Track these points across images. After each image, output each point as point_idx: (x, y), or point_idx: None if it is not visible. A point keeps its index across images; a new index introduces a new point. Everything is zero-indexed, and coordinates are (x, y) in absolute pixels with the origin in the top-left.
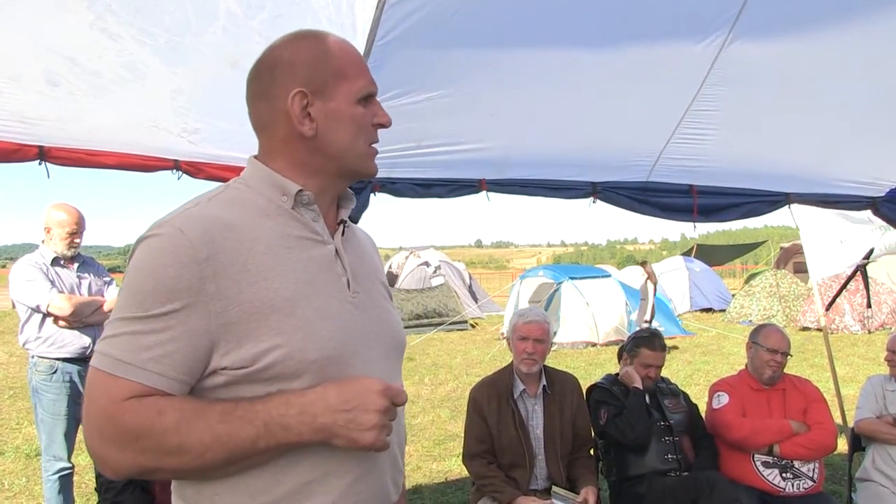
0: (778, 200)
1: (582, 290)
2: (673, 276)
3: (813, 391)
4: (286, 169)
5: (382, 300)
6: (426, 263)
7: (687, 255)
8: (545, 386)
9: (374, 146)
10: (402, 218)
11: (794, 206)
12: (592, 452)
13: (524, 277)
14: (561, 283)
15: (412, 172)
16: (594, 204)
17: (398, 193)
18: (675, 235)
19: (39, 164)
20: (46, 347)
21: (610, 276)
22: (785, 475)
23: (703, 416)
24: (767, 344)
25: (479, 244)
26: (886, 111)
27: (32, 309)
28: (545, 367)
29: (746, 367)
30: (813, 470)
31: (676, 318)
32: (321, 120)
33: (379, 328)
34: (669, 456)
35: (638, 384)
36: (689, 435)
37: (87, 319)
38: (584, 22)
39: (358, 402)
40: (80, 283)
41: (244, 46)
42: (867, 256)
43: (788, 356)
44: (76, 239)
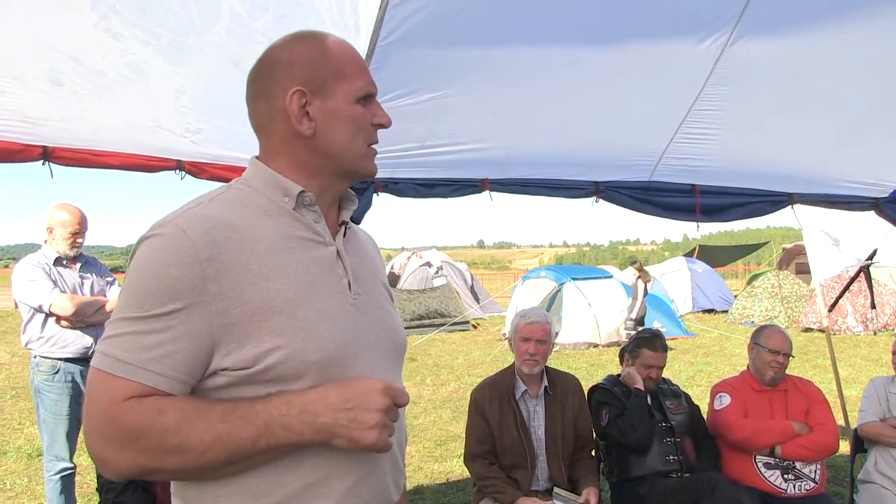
0: (781, 200)
1: (584, 290)
2: (675, 276)
3: (815, 392)
4: (287, 169)
5: (383, 301)
6: (428, 264)
7: (689, 255)
8: (547, 387)
9: (373, 146)
10: (404, 218)
11: (797, 206)
12: (594, 453)
13: (526, 278)
14: (563, 283)
15: (415, 172)
16: (597, 203)
17: (401, 193)
18: (677, 236)
19: (43, 164)
20: (49, 347)
21: (612, 276)
22: (786, 476)
23: (704, 417)
24: (769, 345)
25: (481, 245)
26: (889, 111)
27: (35, 309)
28: (547, 367)
29: (748, 368)
30: (815, 471)
31: (679, 318)
32: (320, 119)
33: (380, 330)
34: (671, 457)
35: (640, 385)
36: (690, 436)
37: (89, 319)
38: (586, 21)
39: (359, 401)
40: (82, 282)
41: (247, 47)
42: (870, 257)
43: (790, 357)
44: (78, 239)
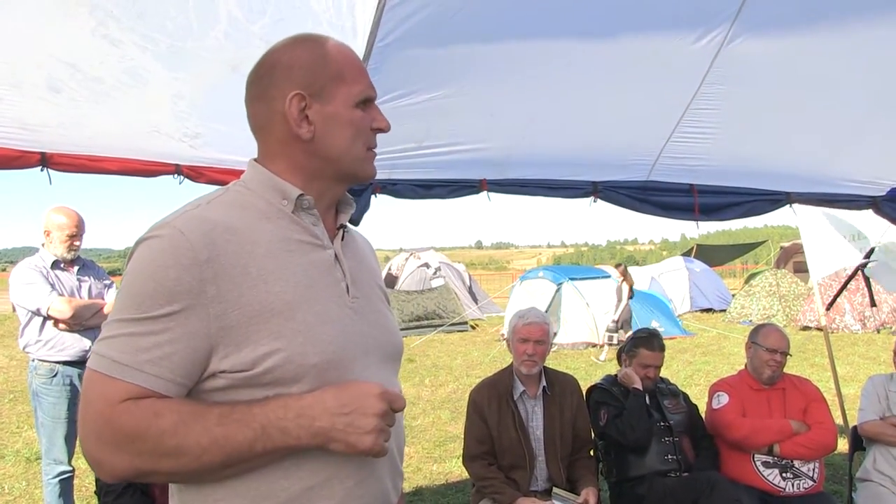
0: (779, 199)
1: (582, 290)
2: (673, 276)
3: (813, 390)
4: (285, 172)
5: (381, 305)
6: (426, 265)
7: (687, 255)
8: (545, 387)
9: (372, 150)
10: (402, 219)
11: (794, 205)
12: (592, 453)
13: (524, 278)
14: (561, 283)
15: (413, 173)
16: (595, 203)
17: (399, 195)
18: (675, 236)
19: (42, 170)
20: (47, 351)
21: (610, 276)
22: (785, 475)
23: (703, 416)
24: (767, 343)
25: (479, 245)
26: (887, 110)
27: (33, 312)
28: (545, 368)
29: (746, 366)
30: (813, 470)
31: (677, 318)
32: (319, 123)
33: (378, 333)
34: (669, 456)
35: (638, 385)
36: (689, 435)
37: (87, 322)
38: (583, 22)
39: (356, 405)
40: (80, 286)
41: (245, 51)
42: (868, 256)
43: (788, 356)
44: (76, 242)
